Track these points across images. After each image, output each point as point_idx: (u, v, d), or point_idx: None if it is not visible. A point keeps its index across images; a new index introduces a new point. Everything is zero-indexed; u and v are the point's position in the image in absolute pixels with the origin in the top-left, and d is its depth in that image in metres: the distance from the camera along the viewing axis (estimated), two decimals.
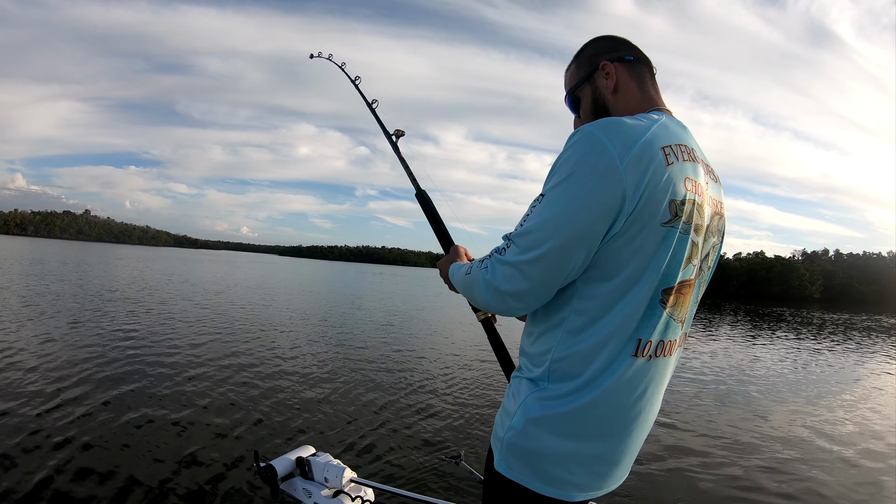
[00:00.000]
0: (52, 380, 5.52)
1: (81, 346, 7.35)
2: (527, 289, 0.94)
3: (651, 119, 0.96)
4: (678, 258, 0.94)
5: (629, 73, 1.09)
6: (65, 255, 40.49)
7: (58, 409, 4.62)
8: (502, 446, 1.02)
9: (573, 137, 0.93)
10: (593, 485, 1.01)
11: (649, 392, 1.01)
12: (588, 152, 0.89)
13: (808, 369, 10.54)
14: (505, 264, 0.96)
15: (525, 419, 0.99)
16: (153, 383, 5.71)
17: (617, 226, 0.89)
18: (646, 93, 1.09)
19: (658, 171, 0.89)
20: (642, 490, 3.88)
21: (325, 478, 2.18)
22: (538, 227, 0.92)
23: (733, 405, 6.87)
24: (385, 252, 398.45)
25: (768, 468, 4.57)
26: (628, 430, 1.00)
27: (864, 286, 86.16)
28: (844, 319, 27.66)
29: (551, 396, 0.97)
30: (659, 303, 0.95)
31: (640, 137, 0.90)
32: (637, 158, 0.88)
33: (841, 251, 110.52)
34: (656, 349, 0.98)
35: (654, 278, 0.93)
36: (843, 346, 15.20)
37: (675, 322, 0.99)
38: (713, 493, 3.97)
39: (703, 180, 0.99)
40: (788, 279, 78.03)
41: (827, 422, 6.34)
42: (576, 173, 0.89)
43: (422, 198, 1.69)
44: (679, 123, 1.03)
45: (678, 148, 0.94)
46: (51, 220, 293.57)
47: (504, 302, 0.99)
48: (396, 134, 1.77)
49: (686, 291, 0.99)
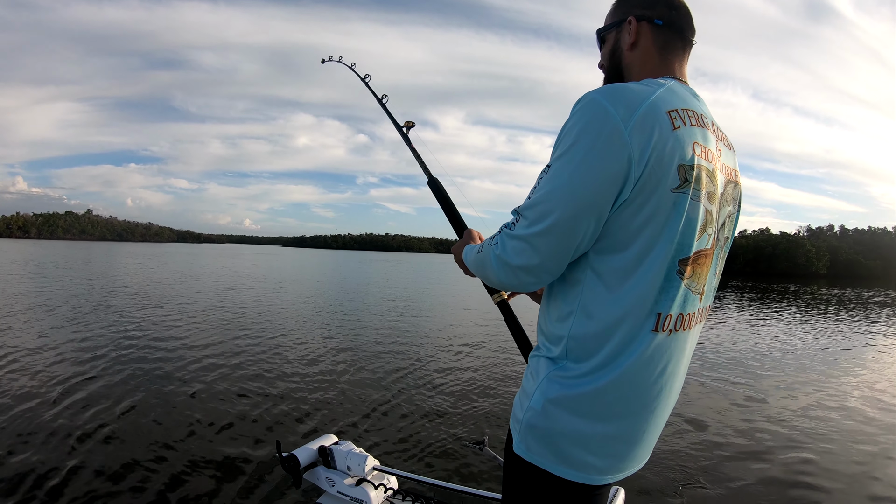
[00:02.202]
0: (75, 375, 5.62)
1: (99, 343, 7.38)
2: (537, 262, 0.93)
3: (657, 84, 0.95)
4: (692, 226, 0.92)
5: (653, 36, 1.06)
6: (71, 256, 40.68)
7: (82, 402, 4.69)
8: (521, 428, 1.00)
9: (577, 105, 0.91)
10: (615, 467, 0.99)
11: (670, 368, 0.98)
12: (591, 119, 0.88)
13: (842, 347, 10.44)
14: (514, 238, 0.95)
15: (544, 399, 0.97)
16: (171, 377, 5.74)
17: (625, 193, 0.87)
18: (665, 60, 1.06)
19: (664, 135, 0.87)
20: (649, 468, 3.81)
21: (348, 466, 2.19)
22: (545, 199, 0.91)
23: (762, 378, 6.80)
24: (389, 239, 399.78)
25: (783, 445, 4.50)
26: (650, 408, 0.98)
27: (870, 261, 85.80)
28: (858, 295, 27.46)
29: (571, 376, 0.95)
30: (676, 274, 0.92)
31: (643, 101, 0.88)
32: (641, 122, 0.86)
33: (846, 227, 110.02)
34: (676, 323, 0.95)
35: (669, 248, 0.90)
36: (870, 322, 15.04)
37: (694, 294, 0.97)
38: (722, 470, 3.90)
39: (715, 147, 0.97)
40: (794, 256, 77.80)
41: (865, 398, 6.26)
42: (580, 141, 0.88)
43: (434, 185, 1.72)
44: (689, 90, 1.00)
45: (685, 112, 0.92)
46: (53, 221, 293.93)
47: (516, 276, 0.97)
48: (407, 125, 1.81)
49: (703, 262, 0.97)
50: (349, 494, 2.14)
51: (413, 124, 1.81)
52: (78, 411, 4.46)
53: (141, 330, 8.55)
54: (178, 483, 3.31)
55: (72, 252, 50.06)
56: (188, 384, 5.46)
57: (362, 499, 2.11)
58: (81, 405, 4.63)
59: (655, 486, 3.54)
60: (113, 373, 5.78)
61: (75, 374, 5.64)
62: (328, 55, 2.07)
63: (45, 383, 5.27)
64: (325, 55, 2.06)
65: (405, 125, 1.81)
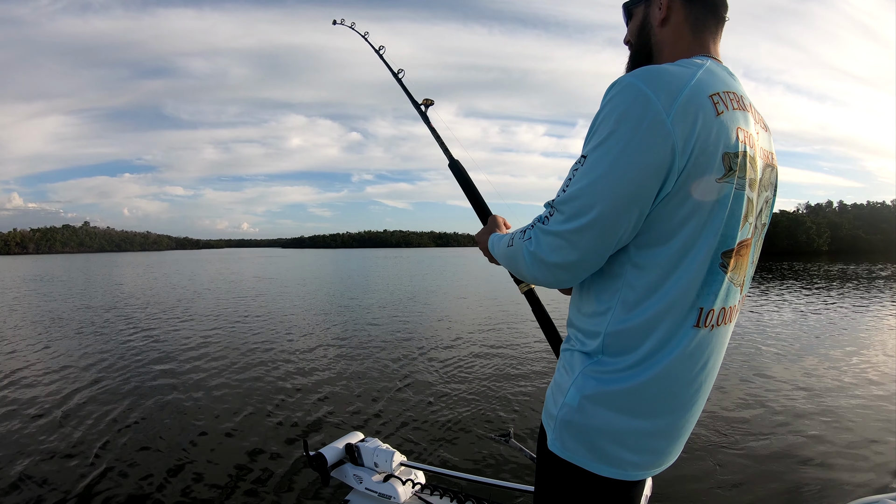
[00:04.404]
0: (101, 381, 5.85)
1: (119, 352, 7.64)
2: (576, 259, 0.89)
3: (695, 65, 0.89)
4: (736, 217, 0.88)
5: (685, 12, 0.99)
6: (71, 269, 40.77)
7: (109, 405, 4.98)
8: (556, 424, 0.97)
9: (612, 90, 0.85)
10: (652, 462, 0.96)
11: (710, 363, 0.95)
12: (630, 106, 0.82)
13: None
14: (550, 234, 0.90)
15: (580, 395, 0.93)
16: (194, 382, 5.86)
17: (668, 185, 0.83)
18: (698, 37, 0.99)
19: (708, 122, 0.82)
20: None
21: (375, 463, 2.19)
22: (583, 192, 0.85)
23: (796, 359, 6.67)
24: (387, 235, 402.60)
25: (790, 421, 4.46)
26: (689, 404, 0.95)
27: (871, 236, 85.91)
28: (863, 270, 27.51)
29: (608, 371, 0.92)
30: (720, 267, 0.88)
31: (685, 86, 0.83)
32: (684, 109, 0.81)
33: (845, 202, 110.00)
34: (718, 318, 0.92)
35: (713, 240, 0.86)
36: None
37: (735, 286, 0.93)
38: (740, 448, 3.89)
39: (754, 130, 0.92)
40: (795, 233, 77.77)
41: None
42: (619, 130, 0.82)
43: (455, 168, 1.63)
44: (726, 69, 0.94)
45: (727, 96, 0.87)
46: (51, 235, 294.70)
47: (552, 274, 0.93)
48: (426, 103, 1.69)
49: (745, 253, 0.93)
50: (377, 490, 2.13)
51: (432, 102, 1.69)
52: (107, 412, 4.71)
53: (157, 339, 8.66)
54: (209, 484, 3.43)
55: (72, 265, 50.41)
56: (212, 389, 5.60)
57: (390, 494, 2.10)
58: (111, 406, 4.92)
59: (680, 471, 3.44)
60: (133, 380, 6.00)
61: (104, 381, 5.88)
62: (340, 18, 1.95)
63: (59, 393, 5.43)
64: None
65: (423, 102, 1.69)
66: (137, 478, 3.51)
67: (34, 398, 5.27)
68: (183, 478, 3.51)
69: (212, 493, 3.32)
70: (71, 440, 4.12)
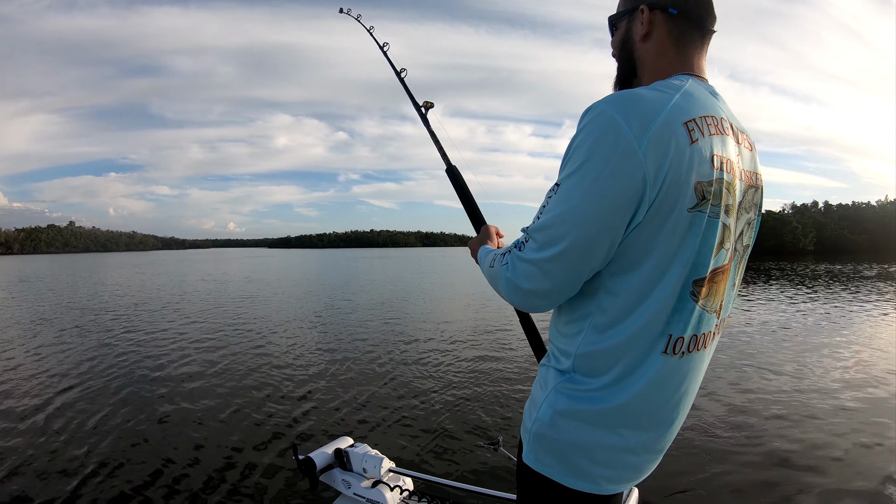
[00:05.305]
0: (85, 387, 5.73)
1: (104, 356, 7.49)
2: (550, 287, 0.90)
3: (672, 88, 0.88)
4: (709, 245, 0.87)
5: (668, 27, 0.97)
6: (56, 270, 40.25)
7: (93, 411, 4.90)
8: (530, 438, 0.99)
9: (585, 117, 0.85)
10: (626, 477, 0.97)
11: (684, 387, 0.95)
12: (602, 134, 0.82)
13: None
14: (524, 262, 0.91)
15: (552, 410, 0.95)
16: (182, 386, 5.82)
17: (640, 215, 0.83)
18: (682, 53, 0.97)
19: (681, 151, 0.82)
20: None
21: (364, 468, 2.20)
22: (555, 222, 0.86)
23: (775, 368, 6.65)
24: (374, 235, 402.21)
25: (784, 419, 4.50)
26: (663, 424, 0.96)
27: (856, 235, 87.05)
28: (850, 270, 27.90)
29: (580, 390, 0.93)
30: (690, 295, 0.88)
31: (658, 113, 0.82)
32: (657, 138, 0.80)
33: (830, 203, 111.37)
34: (689, 345, 0.92)
35: (683, 270, 0.86)
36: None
37: (710, 313, 0.93)
38: (730, 456, 3.86)
39: (734, 152, 0.91)
40: (781, 233, 78.49)
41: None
42: (591, 159, 0.83)
43: (452, 174, 1.62)
44: (708, 90, 0.94)
45: (703, 121, 0.86)
46: (35, 235, 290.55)
47: (528, 300, 0.94)
48: (426, 105, 1.69)
49: (720, 279, 0.92)
50: (365, 496, 2.15)
51: (432, 104, 1.68)
52: (97, 417, 4.67)
53: (142, 343, 8.55)
54: (196, 486, 3.43)
55: (56, 265, 49.84)
56: (200, 392, 5.58)
57: (378, 500, 2.12)
58: (99, 411, 4.89)
59: (667, 479, 3.42)
60: (120, 385, 5.85)
61: (90, 385, 5.82)
62: (347, 7, 1.93)
63: (40, 397, 5.37)
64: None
65: (424, 105, 1.68)
66: (123, 482, 3.48)
67: (15, 404, 5.18)
68: (169, 481, 3.50)
69: (198, 494, 3.32)
70: (51, 448, 4.04)
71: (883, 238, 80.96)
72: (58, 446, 4.07)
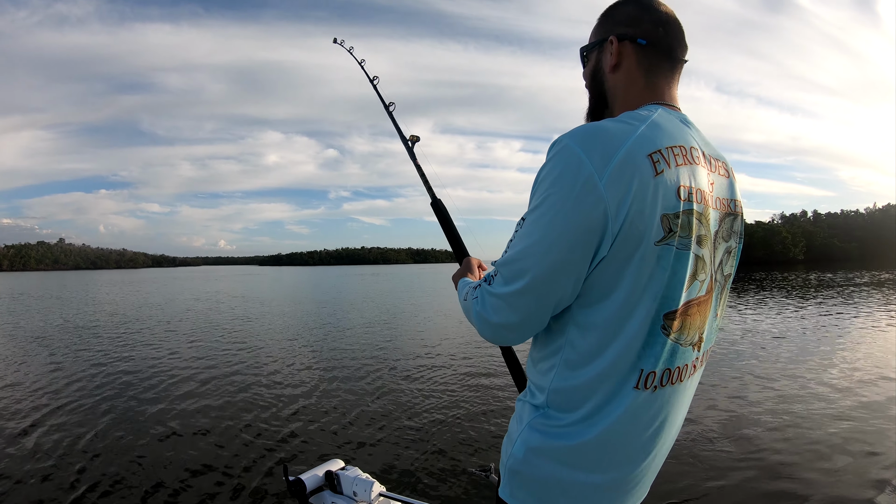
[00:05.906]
0: (74, 407, 5.71)
1: (94, 377, 7.42)
2: (517, 321, 0.90)
3: (638, 119, 0.86)
4: (679, 278, 0.86)
5: (637, 58, 0.96)
6: (46, 288, 39.83)
7: (88, 431, 4.88)
8: (506, 472, 0.98)
9: (551, 151, 0.86)
10: None
11: (661, 421, 0.93)
12: (563, 170, 0.82)
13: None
14: (492, 296, 0.91)
15: (525, 447, 0.94)
16: (174, 405, 5.76)
17: (603, 249, 0.82)
18: (651, 83, 0.96)
19: (644, 184, 0.80)
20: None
21: (354, 492, 2.18)
22: (519, 257, 0.86)
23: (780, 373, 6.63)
24: (365, 252, 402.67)
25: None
26: (639, 459, 0.94)
27: (846, 244, 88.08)
28: (841, 278, 28.07)
29: (553, 425, 0.92)
30: (661, 329, 0.86)
31: (621, 146, 0.81)
32: (619, 172, 0.79)
33: (819, 211, 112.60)
34: (662, 378, 0.90)
35: (653, 303, 0.85)
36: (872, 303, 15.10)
37: (684, 347, 0.91)
38: (725, 469, 3.84)
39: (707, 182, 0.90)
40: (771, 243, 79.28)
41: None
42: (552, 195, 0.83)
43: (437, 207, 1.66)
44: (678, 118, 0.92)
45: (669, 152, 0.84)
46: (25, 252, 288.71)
47: (497, 333, 0.94)
48: (412, 139, 1.72)
49: (694, 312, 0.90)
50: None
51: (418, 138, 1.72)
52: (86, 443, 4.57)
53: (132, 361, 8.44)
54: None
55: (47, 283, 49.50)
56: (191, 411, 5.53)
57: None
58: (93, 430, 4.89)
59: (663, 490, 3.43)
60: (110, 406, 5.75)
61: (77, 407, 5.75)
62: (341, 38, 1.96)
63: (33, 417, 5.24)
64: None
65: (411, 139, 1.72)
66: (106, 494, 3.50)
67: (3, 424, 5.09)
68: (159, 502, 3.47)
69: None
70: (40, 468, 4.00)
71: (873, 245, 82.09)
72: (47, 467, 4.00)
